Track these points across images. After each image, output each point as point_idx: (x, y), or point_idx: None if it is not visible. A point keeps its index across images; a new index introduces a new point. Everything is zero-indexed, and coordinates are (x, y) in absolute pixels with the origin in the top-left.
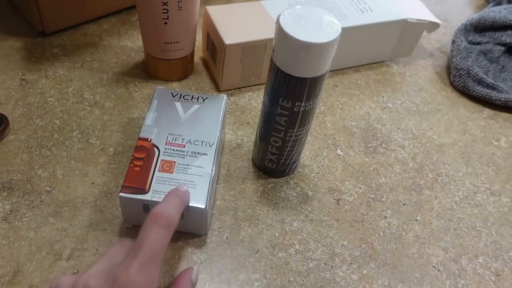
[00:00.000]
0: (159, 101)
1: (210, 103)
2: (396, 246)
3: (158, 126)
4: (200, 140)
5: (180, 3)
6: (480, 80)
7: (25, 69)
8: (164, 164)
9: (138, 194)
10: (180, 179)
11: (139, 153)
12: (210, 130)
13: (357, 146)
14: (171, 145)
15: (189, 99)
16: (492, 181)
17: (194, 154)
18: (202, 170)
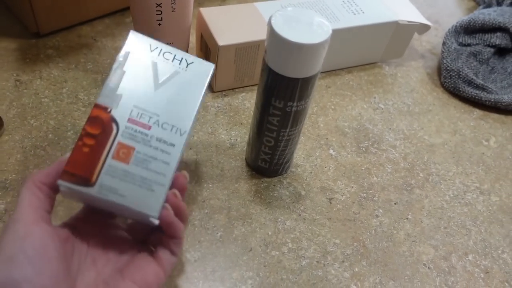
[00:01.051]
0: (132, 54)
1: (193, 72)
2: (387, 244)
3: (124, 91)
4: (171, 124)
5: (174, 5)
6: (470, 81)
7: (20, 70)
8: (121, 149)
9: (81, 185)
10: (136, 174)
11: (93, 127)
12: (186, 110)
13: (349, 146)
14: (134, 124)
15: (170, 58)
16: (482, 181)
17: (160, 142)
18: (164, 167)
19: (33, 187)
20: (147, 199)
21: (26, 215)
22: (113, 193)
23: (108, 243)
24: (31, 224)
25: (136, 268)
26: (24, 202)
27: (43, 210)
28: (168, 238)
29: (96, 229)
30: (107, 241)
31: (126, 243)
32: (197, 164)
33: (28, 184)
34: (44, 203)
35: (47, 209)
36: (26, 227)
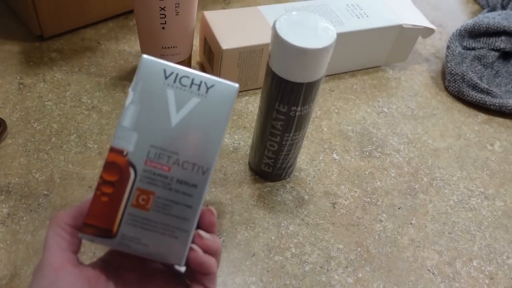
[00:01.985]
0: (145, 84)
1: (215, 97)
2: (391, 250)
3: (139, 130)
4: (191, 162)
5: (178, 8)
6: (474, 85)
7: (23, 73)
8: (140, 195)
9: (102, 237)
10: (158, 221)
11: (110, 174)
12: (208, 145)
13: (353, 150)
14: (153, 166)
15: (187, 84)
16: (486, 185)
17: (180, 184)
18: (187, 211)
19: (58, 228)
20: (171, 247)
21: (53, 259)
22: (135, 243)
23: (144, 278)
24: (58, 269)
25: None
26: (50, 245)
27: (70, 251)
28: (201, 275)
29: (131, 263)
30: (143, 276)
31: (162, 278)
32: None
33: (53, 226)
34: (70, 245)
35: (74, 250)
36: (53, 272)
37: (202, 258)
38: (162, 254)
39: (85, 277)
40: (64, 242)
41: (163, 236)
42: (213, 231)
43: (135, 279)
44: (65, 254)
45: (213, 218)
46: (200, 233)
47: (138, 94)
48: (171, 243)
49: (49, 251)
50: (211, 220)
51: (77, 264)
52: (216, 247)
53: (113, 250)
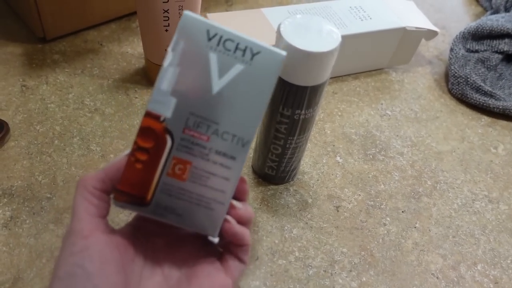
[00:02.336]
0: (186, 45)
1: (260, 65)
2: (395, 254)
3: (178, 95)
4: (231, 133)
5: (181, 11)
6: (478, 88)
7: (26, 75)
8: (176, 165)
9: (136, 205)
10: (194, 192)
11: (145, 140)
12: (249, 116)
13: (356, 153)
14: (191, 135)
15: (231, 48)
16: (490, 189)
17: (219, 155)
18: (224, 184)
19: (86, 192)
20: (206, 219)
21: (81, 226)
22: (170, 212)
23: (173, 245)
24: (88, 236)
25: (204, 276)
26: (79, 211)
27: (99, 217)
28: (235, 246)
29: (161, 228)
30: (172, 242)
31: (193, 244)
32: None
33: (81, 190)
34: (99, 210)
35: (102, 214)
36: (83, 239)
37: (236, 229)
38: (196, 224)
39: (114, 244)
40: (92, 207)
41: (198, 207)
42: (245, 199)
43: (165, 245)
44: (94, 219)
45: (245, 186)
46: (233, 203)
47: (178, 55)
48: (206, 214)
49: (77, 217)
50: (243, 188)
51: (106, 230)
52: (248, 216)
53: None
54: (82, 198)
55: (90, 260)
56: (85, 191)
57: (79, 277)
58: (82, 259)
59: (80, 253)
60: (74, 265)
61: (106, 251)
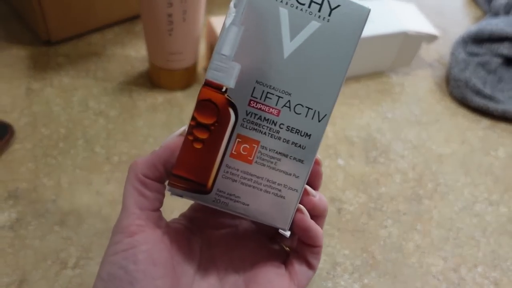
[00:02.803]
0: (253, 1)
1: (339, 21)
2: (396, 256)
3: (242, 60)
4: (306, 105)
5: (185, 15)
6: (478, 91)
7: (31, 78)
8: (241, 144)
9: (194, 192)
10: (262, 176)
11: (204, 115)
12: (326, 84)
13: (358, 156)
14: (258, 108)
15: (305, 3)
16: (491, 191)
17: (291, 132)
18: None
19: (136, 182)
20: (276, 208)
21: (129, 221)
22: (234, 201)
23: (232, 240)
24: (134, 233)
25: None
26: (127, 203)
27: (151, 210)
28: (304, 246)
29: (219, 220)
30: (231, 237)
31: (255, 240)
32: None
33: (131, 178)
34: (151, 202)
35: (155, 207)
36: (128, 237)
37: (309, 222)
38: (264, 215)
39: (165, 242)
40: (143, 198)
41: (267, 194)
42: (319, 185)
43: (222, 241)
44: (144, 214)
45: (319, 168)
46: (308, 189)
47: (242, 12)
48: (276, 203)
49: (125, 210)
50: (317, 171)
51: (157, 225)
52: (323, 207)
53: (198, 206)
54: (131, 188)
55: (134, 262)
56: (136, 180)
57: (121, 280)
58: (126, 259)
59: (124, 253)
60: (117, 266)
61: (154, 251)
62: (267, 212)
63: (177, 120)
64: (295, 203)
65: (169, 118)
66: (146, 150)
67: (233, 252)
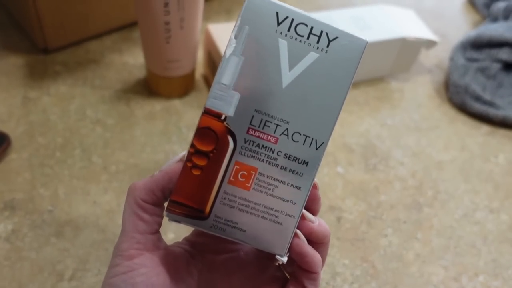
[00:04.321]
0: (252, 31)
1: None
2: (397, 265)
3: (242, 89)
4: (303, 133)
5: (182, 23)
6: (477, 97)
7: (28, 87)
8: (239, 171)
9: (192, 218)
10: (259, 203)
11: (204, 142)
12: (324, 113)
13: (357, 164)
14: (256, 136)
15: (304, 34)
16: (491, 198)
17: (289, 159)
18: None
19: (135, 206)
20: (273, 234)
21: (127, 245)
22: (231, 227)
23: (232, 264)
24: (133, 257)
25: None
26: (126, 227)
27: (149, 233)
28: (302, 271)
29: (220, 244)
30: (232, 261)
31: (255, 265)
32: None
33: (130, 203)
34: (149, 225)
35: (153, 230)
36: (127, 260)
37: (305, 248)
38: (261, 241)
39: (164, 265)
40: (141, 223)
41: (264, 220)
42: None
43: (223, 265)
44: (142, 237)
45: (317, 192)
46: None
47: (242, 43)
48: (273, 229)
49: (124, 234)
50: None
51: (156, 246)
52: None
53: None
54: (130, 212)
55: (132, 284)
56: (134, 204)
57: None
58: (125, 282)
59: (123, 276)
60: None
61: (152, 274)
62: (264, 238)
63: (175, 129)
64: (292, 229)
65: (167, 126)
66: (144, 159)
67: (233, 276)
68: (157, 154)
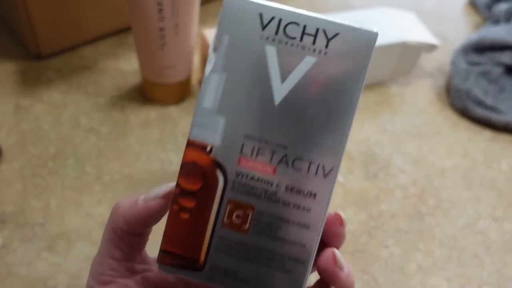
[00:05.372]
0: (233, 40)
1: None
2: (398, 277)
3: (227, 112)
4: (307, 159)
5: (177, 29)
6: (480, 101)
7: (20, 94)
8: (234, 210)
9: (186, 269)
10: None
11: (190, 180)
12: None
13: (357, 172)
14: (250, 167)
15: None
16: (494, 206)
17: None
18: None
19: (113, 234)
20: (281, 285)
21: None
22: (231, 278)
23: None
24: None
25: None
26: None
27: (125, 260)
28: None
29: None
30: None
31: None
32: None
33: (109, 229)
34: (126, 254)
35: (131, 257)
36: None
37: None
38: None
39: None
40: (118, 251)
41: (268, 269)
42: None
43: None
44: (117, 264)
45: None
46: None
47: (222, 57)
48: (280, 279)
49: (100, 254)
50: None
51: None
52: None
53: None
54: (109, 235)
55: None
56: (112, 231)
57: None
58: None
59: None
60: None
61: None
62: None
63: (170, 136)
64: (304, 279)
65: (162, 134)
66: (138, 169)
67: None
68: (152, 163)
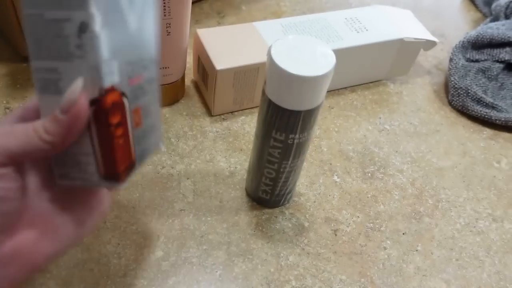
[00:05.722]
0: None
1: None
2: (396, 280)
3: (116, 54)
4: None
5: (169, 28)
6: (479, 99)
7: (10, 97)
8: (135, 116)
9: (132, 170)
10: (148, 126)
11: (115, 115)
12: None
13: (354, 172)
14: (134, 82)
15: None
16: (494, 206)
17: (149, 82)
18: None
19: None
20: (156, 137)
21: None
22: (146, 153)
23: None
24: None
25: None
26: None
27: None
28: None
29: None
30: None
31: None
32: (195, 195)
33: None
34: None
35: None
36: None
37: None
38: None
39: None
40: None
41: (153, 134)
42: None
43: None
44: None
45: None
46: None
47: (102, 11)
48: (155, 134)
49: None
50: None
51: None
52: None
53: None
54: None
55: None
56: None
57: None
58: None
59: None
60: None
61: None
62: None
63: (163, 139)
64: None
65: None
66: None
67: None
68: (145, 165)
